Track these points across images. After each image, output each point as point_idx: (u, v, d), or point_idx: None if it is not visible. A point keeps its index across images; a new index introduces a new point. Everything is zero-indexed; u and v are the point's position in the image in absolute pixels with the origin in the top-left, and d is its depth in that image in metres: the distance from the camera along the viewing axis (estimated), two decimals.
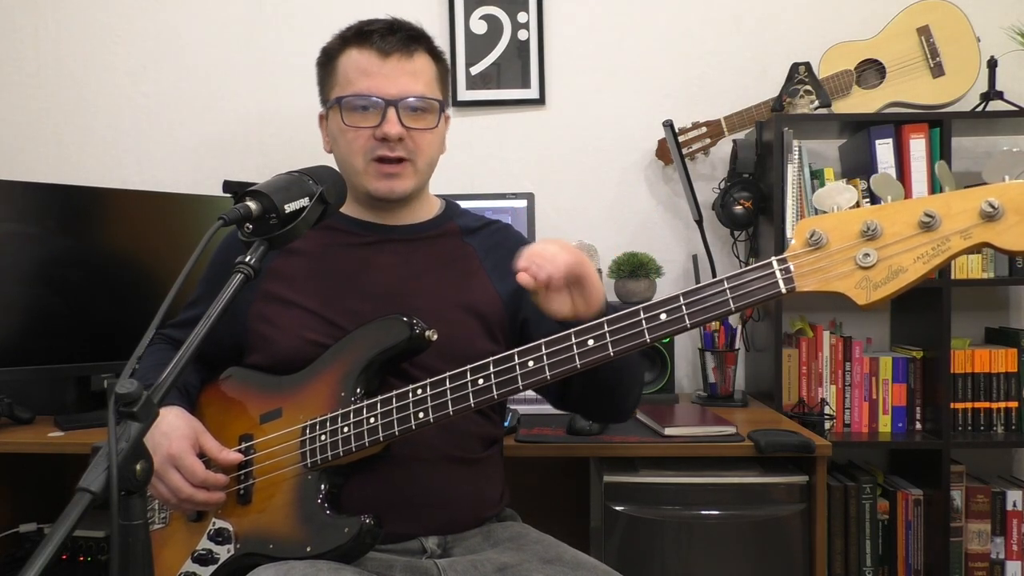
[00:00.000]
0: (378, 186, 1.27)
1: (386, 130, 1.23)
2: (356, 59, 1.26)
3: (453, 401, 1.07)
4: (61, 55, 2.40)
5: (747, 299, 0.94)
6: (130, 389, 0.75)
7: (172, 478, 1.12)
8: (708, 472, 1.62)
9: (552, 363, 1.02)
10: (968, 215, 0.85)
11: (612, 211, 2.35)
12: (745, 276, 0.94)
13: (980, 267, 2.07)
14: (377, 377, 1.18)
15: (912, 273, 0.87)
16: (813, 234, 0.90)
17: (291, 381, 1.22)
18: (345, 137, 1.27)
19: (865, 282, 0.89)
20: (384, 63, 1.25)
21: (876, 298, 0.88)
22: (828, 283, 0.90)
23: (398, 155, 1.26)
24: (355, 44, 1.27)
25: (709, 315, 0.96)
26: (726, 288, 0.95)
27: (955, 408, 2.08)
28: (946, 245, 0.86)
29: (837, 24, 2.26)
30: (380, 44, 1.25)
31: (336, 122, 1.28)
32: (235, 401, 1.26)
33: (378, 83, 1.24)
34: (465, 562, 1.18)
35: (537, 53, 2.32)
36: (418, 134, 1.27)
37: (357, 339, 1.19)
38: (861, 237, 0.89)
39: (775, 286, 0.93)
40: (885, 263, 0.88)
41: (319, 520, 1.12)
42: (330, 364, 1.19)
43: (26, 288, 1.88)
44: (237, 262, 0.93)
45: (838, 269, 0.90)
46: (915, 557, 2.06)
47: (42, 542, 0.66)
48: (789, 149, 2.04)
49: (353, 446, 1.11)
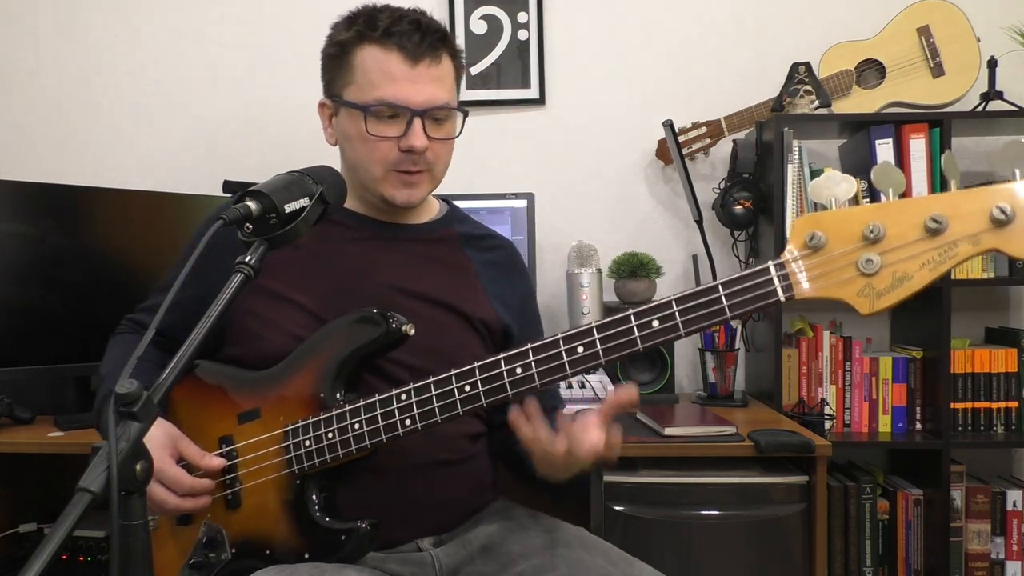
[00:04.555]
0: (396, 194, 1.24)
1: (413, 143, 1.18)
2: (381, 60, 1.18)
3: (440, 408, 1.05)
4: (61, 55, 2.39)
5: (744, 307, 0.90)
6: (130, 389, 0.75)
7: (156, 492, 1.07)
8: (708, 472, 1.62)
9: (541, 371, 1.00)
10: (977, 219, 0.79)
11: (612, 211, 2.35)
12: (742, 283, 0.90)
13: (980, 267, 2.07)
14: (356, 374, 1.15)
15: (918, 281, 0.82)
16: (812, 237, 0.85)
17: (265, 378, 1.17)
18: (366, 145, 1.21)
19: (868, 290, 0.83)
20: (413, 69, 1.18)
21: (880, 307, 0.84)
22: (828, 290, 0.86)
23: (419, 168, 1.22)
24: (378, 42, 1.18)
25: (703, 323, 0.92)
26: (722, 295, 0.91)
27: (955, 408, 2.08)
28: (954, 251, 0.80)
29: (837, 24, 2.26)
30: (407, 46, 1.17)
31: (355, 126, 1.21)
32: (209, 400, 1.20)
33: (406, 91, 1.18)
34: (456, 544, 1.21)
35: (537, 53, 2.32)
36: (439, 144, 1.23)
37: (331, 334, 1.15)
38: (863, 241, 0.83)
39: (773, 294, 0.88)
40: (889, 270, 0.82)
41: (315, 528, 1.11)
42: (305, 361, 1.15)
43: (25, 288, 1.88)
44: (237, 262, 0.92)
45: (839, 276, 0.85)
46: (915, 557, 2.06)
47: (42, 542, 0.66)
48: (789, 149, 2.04)
49: (340, 453, 1.09)
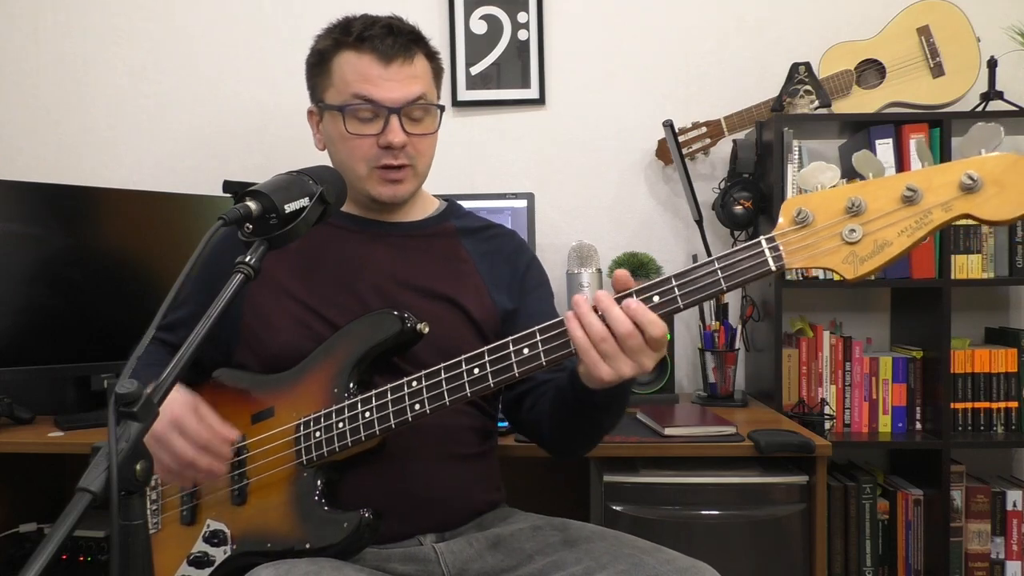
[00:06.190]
0: (382, 191, 1.27)
1: (390, 139, 1.23)
2: (355, 63, 1.24)
3: (449, 391, 1.07)
4: (61, 55, 2.39)
5: (738, 278, 0.95)
6: (130, 389, 0.75)
7: (175, 442, 1.08)
8: (708, 472, 1.62)
9: (547, 349, 1.02)
10: (948, 188, 0.87)
11: (612, 211, 2.35)
12: (735, 256, 0.95)
13: (980, 267, 2.07)
14: (369, 372, 1.18)
15: (897, 246, 0.89)
16: (799, 212, 0.92)
17: (282, 379, 1.21)
18: (347, 144, 1.26)
19: (852, 257, 0.91)
20: (386, 69, 1.23)
21: (863, 272, 0.90)
22: (816, 259, 0.92)
23: (401, 162, 1.25)
24: (352, 46, 1.24)
25: (701, 295, 0.97)
26: (717, 268, 0.96)
27: (955, 408, 2.08)
28: (928, 218, 0.88)
29: (837, 24, 2.26)
30: (380, 48, 1.23)
31: (336, 128, 1.27)
32: (225, 402, 1.23)
33: (380, 90, 1.23)
34: (461, 541, 1.21)
35: (537, 53, 2.32)
36: (419, 139, 1.27)
37: (348, 334, 1.18)
38: (846, 214, 0.91)
39: (764, 264, 0.94)
40: (870, 238, 0.90)
41: (317, 516, 1.12)
42: (321, 361, 1.19)
43: (26, 288, 1.88)
44: (237, 262, 0.93)
45: (825, 245, 0.92)
46: (915, 557, 2.06)
47: (42, 542, 0.66)
48: (789, 149, 2.03)
49: (349, 441, 1.11)
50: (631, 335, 0.96)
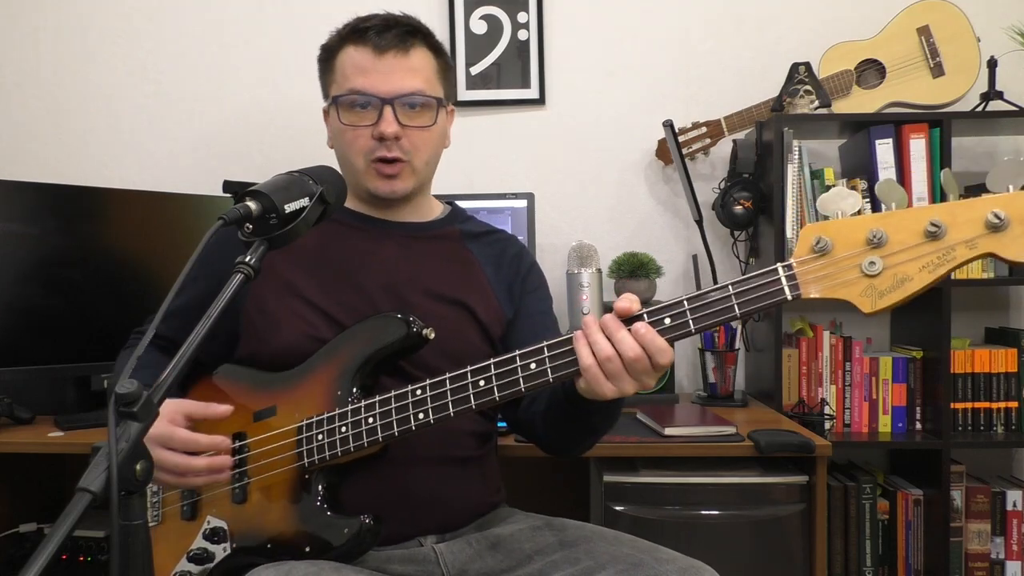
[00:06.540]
0: (379, 186, 1.28)
1: (382, 129, 1.23)
2: (352, 56, 1.26)
3: (454, 403, 1.07)
4: (61, 55, 2.39)
5: (752, 305, 0.94)
6: (130, 389, 0.75)
7: (167, 458, 1.06)
8: (708, 472, 1.62)
9: (555, 366, 1.02)
10: (973, 225, 0.85)
11: (612, 211, 2.35)
12: (751, 282, 0.94)
13: (980, 267, 2.07)
14: (373, 375, 1.18)
15: (918, 282, 0.87)
16: (819, 241, 0.90)
17: (285, 378, 1.21)
18: (344, 137, 1.27)
19: (870, 290, 0.89)
20: (380, 60, 1.24)
21: (881, 307, 0.88)
22: (833, 291, 0.90)
23: (395, 155, 1.26)
24: (352, 41, 1.26)
25: (713, 320, 0.96)
26: (731, 294, 0.95)
27: (955, 408, 2.07)
28: (952, 255, 0.86)
29: (837, 24, 2.26)
30: (376, 40, 1.24)
31: (335, 121, 1.28)
32: (227, 399, 1.22)
33: (373, 80, 1.24)
34: (460, 542, 1.21)
35: (537, 53, 2.32)
36: (415, 132, 1.26)
37: (352, 337, 1.18)
38: (867, 245, 0.89)
39: (780, 293, 0.93)
40: (890, 271, 0.88)
41: (318, 520, 1.12)
42: (325, 361, 1.18)
43: (26, 288, 1.87)
44: (237, 262, 0.93)
45: (843, 277, 0.90)
46: (915, 557, 2.06)
47: (42, 542, 0.66)
48: (789, 149, 2.03)
49: (352, 446, 1.11)
50: (638, 359, 0.96)
